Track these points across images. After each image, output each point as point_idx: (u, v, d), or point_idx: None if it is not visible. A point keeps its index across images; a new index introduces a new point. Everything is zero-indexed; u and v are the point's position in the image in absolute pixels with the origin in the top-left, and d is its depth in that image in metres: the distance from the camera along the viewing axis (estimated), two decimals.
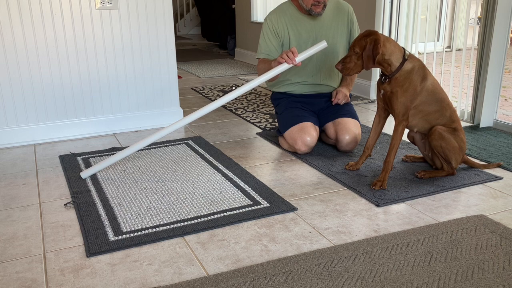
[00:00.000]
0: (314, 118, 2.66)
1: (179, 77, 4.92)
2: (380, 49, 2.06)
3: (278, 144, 2.81)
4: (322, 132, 2.75)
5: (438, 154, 2.24)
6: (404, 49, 2.14)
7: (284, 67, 2.37)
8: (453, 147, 2.19)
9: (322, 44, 2.40)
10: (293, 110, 2.67)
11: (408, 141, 2.80)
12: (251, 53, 5.88)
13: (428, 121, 2.22)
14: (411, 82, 2.11)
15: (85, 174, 2.33)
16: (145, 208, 2.02)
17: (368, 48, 2.06)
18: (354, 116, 2.66)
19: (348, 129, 2.56)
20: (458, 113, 3.27)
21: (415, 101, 2.15)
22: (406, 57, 2.12)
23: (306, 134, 2.54)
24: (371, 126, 3.11)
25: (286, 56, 2.35)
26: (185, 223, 1.88)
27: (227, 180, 2.29)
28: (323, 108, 2.73)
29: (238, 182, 2.26)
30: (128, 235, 1.80)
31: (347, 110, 2.67)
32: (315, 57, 2.66)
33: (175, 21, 9.69)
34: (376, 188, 2.15)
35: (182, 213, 1.97)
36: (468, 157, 2.41)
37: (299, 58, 2.37)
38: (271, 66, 2.48)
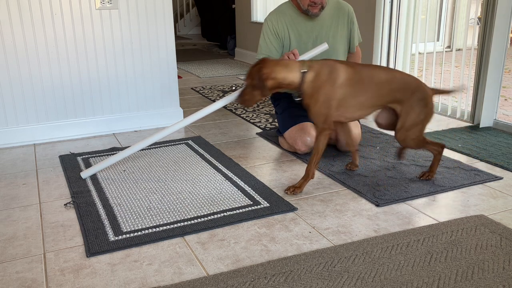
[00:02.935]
0: None
1: (179, 77, 4.92)
2: (267, 74, 2.02)
3: (278, 144, 2.81)
4: None
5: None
6: (302, 62, 2.10)
7: None
8: (418, 136, 2.16)
9: (323, 46, 2.42)
10: (293, 110, 2.67)
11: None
12: (251, 53, 5.88)
13: (372, 105, 2.15)
14: (319, 89, 2.06)
15: (85, 174, 2.33)
16: (145, 208, 2.02)
17: (256, 77, 2.04)
18: None
19: (352, 126, 2.56)
20: (458, 113, 3.27)
21: (333, 102, 2.08)
22: (305, 69, 2.06)
23: (306, 134, 2.54)
24: (371, 126, 3.11)
25: (288, 58, 2.35)
26: (185, 223, 1.88)
27: (227, 180, 2.29)
28: None
29: (238, 182, 2.26)
30: (128, 235, 1.80)
31: None
32: (314, 58, 2.65)
33: (175, 21, 9.69)
34: (288, 193, 2.13)
35: (182, 213, 1.97)
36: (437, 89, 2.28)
37: (301, 59, 2.37)
38: None
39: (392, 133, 2.95)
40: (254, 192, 2.15)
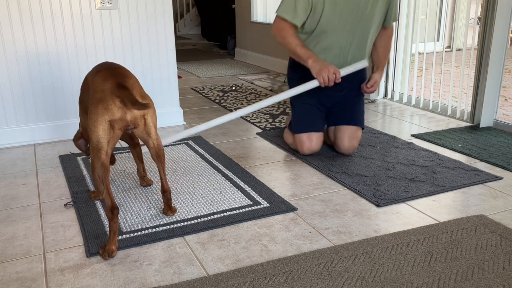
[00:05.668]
0: (323, 123, 2.63)
1: (179, 77, 4.91)
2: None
3: (278, 144, 2.80)
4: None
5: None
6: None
7: (315, 84, 2.36)
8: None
9: (362, 63, 2.43)
10: (307, 113, 2.59)
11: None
12: (251, 53, 5.88)
13: None
14: None
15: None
16: (145, 208, 2.02)
17: None
18: (357, 121, 2.59)
19: (348, 137, 2.54)
20: (458, 113, 3.27)
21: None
22: None
23: (313, 143, 2.55)
24: (371, 126, 3.11)
25: (327, 79, 2.30)
26: (185, 223, 1.88)
27: (227, 180, 2.29)
28: (335, 103, 2.61)
29: (238, 182, 2.26)
30: (128, 235, 1.80)
31: (353, 113, 2.61)
32: (343, 38, 2.46)
33: (175, 21, 9.69)
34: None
35: (182, 213, 1.97)
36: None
37: (340, 75, 2.36)
38: (296, 48, 2.38)
39: (391, 133, 2.94)
40: (254, 192, 2.15)
